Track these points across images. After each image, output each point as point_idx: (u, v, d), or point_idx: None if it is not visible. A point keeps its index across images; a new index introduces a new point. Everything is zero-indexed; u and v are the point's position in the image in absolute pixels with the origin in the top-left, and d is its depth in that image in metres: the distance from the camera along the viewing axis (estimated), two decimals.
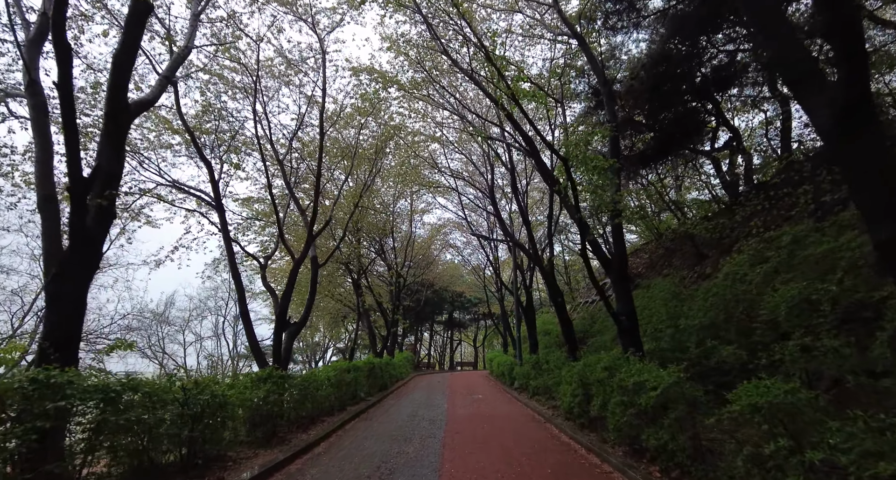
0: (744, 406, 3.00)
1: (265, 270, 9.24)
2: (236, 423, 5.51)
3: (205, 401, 4.50)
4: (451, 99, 11.32)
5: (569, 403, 7.79)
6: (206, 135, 9.89)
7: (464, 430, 7.63)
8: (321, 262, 10.09)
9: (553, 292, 12.30)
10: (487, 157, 14.56)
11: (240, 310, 7.83)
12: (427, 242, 27.93)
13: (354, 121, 11.53)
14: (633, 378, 5.08)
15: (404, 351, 28.30)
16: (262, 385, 6.38)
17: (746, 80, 15.23)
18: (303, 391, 7.95)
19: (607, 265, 7.88)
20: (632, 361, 5.99)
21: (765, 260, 6.07)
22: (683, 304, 8.90)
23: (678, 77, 13.88)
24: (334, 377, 9.69)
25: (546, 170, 8.59)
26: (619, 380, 5.42)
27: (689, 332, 7.30)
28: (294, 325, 8.55)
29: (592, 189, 7.15)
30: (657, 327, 8.11)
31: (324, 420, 8.42)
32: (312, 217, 8.89)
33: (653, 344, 7.98)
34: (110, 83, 4.12)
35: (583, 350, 12.17)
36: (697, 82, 14.05)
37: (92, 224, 3.91)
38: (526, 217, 12.95)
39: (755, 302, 5.76)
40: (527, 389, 12.40)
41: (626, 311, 7.58)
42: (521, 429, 7.76)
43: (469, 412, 9.76)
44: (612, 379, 5.79)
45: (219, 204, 8.24)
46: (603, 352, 8.99)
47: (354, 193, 12.39)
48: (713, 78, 13.85)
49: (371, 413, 9.89)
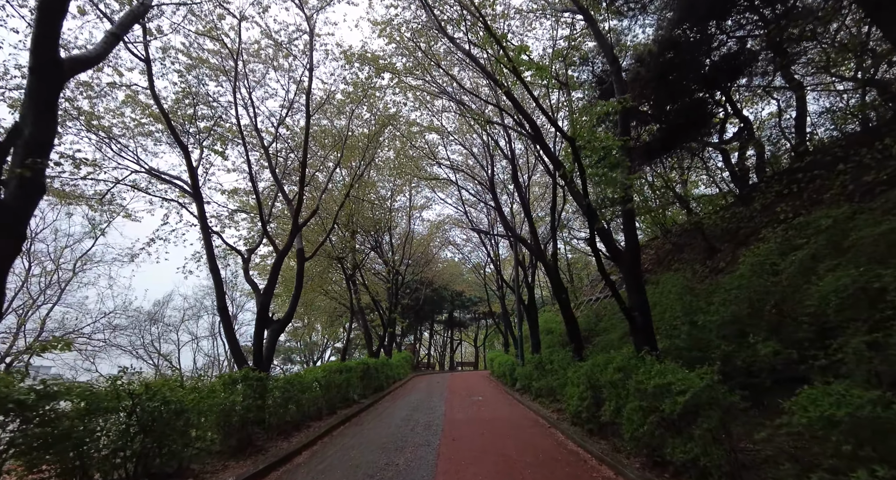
0: (813, 418, 2.33)
1: (248, 264, 8.60)
2: (203, 432, 4.86)
3: (154, 409, 3.84)
4: (449, 81, 10.66)
5: (576, 407, 7.13)
6: (188, 122, 9.24)
7: (462, 437, 6.97)
8: (308, 255, 9.43)
9: (557, 288, 11.63)
10: (487, 148, 13.89)
11: (217, 306, 7.20)
12: (426, 239, 27.28)
13: (346, 108, 10.88)
14: (654, 380, 4.42)
15: (403, 351, 27.64)
16: (236, 387, 5.73)
17: (756, 70, 14.61)
18: (286, 394, 7.30)
19: (617, 257, 7.22)
20: (648, 361, 5.33)
21: (796, 247, 5.40)
22: (699, 299, 8.24)
23: (686, 65, 13.27)
24: (323, 378, 9.04)
25: (550, 153, 7.92)
26: (637, 383, 4.75)
27: (709, 329, 6.63)
28: (277, 323, 7.88)
29: (602, 171, 6.48)
30: (672, 324, 7.45)
31: (310, 425, 7.76)
32: (297, 205, 8.22)
33: (667, 343, 7.32)
34: (35, 33, 3.46)
35: (588, 349, 11.52)
36: (706, 71, 13.44)
37: (10, 199, 3.26)
38: (528, 209, 12.29)
39: (788, 294, 5.09)
40: (529, 390, 11.74)
41: (639, 307, 6.92)
42: (523, 436, 7.10)
43: (468, 416, 9.11)
44: (628, 381, 5.13)
45: (196, 192, 7.60)
46: (612, 351, 8.35)
47: (345, 183, 11.73)
48: (722, 66, 13.22)
49: (363, 418, 9.24)
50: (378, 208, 16.98)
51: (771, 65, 14.20)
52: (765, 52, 13.63)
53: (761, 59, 13.85)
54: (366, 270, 22.88)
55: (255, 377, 6.15)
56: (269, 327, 7.78)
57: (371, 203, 13.40)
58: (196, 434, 4.56)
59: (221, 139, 9.96)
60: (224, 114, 9.55)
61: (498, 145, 12.15)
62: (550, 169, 12.76)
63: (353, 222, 13.72)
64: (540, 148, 8.08)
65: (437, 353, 41.85)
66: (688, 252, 14.63)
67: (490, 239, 21.16)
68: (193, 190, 7.56)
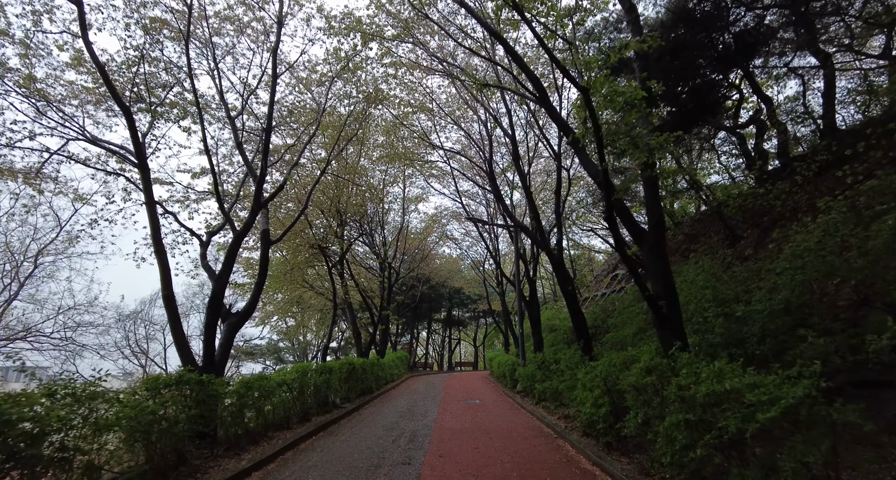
0: None
1: (206, 248, 7.40)
2: (98, 455, 3.66)
3: None
4: (439, 49, 9.47)
5: (589, 415, 5.94)
6: (142, 85, 7.99)
7: (452, 452, 5.78)
8: (275, 239, 8.22)
9: (562, 279, 10.45)
10: (485, 127, 12.70)
11: (162, 295, 6.02)
12: (423, 233, 26.08)
13: (321, 69, 9.64)
14: (706, 386, 3.23)
15: (399, 351, 26.43)
16: (162, 394, 4.54)
17: (773, 49, 13.50)
18: (242, 400, 6.11)
19: (639, 235, 6.02)
20: (685, 360, 4.14)
21: (877, 216, 4.22)
22: (732, 288, 7.05)
23: (699, 44, 12.19)
24: (295, 380, 7.85)
25: (557, 116, 6.73)
26: (680, 389, 3.56)
27: (753, 321, 5.44)
28: (235, 315, 6.68)
29: (622, 129, 5.28)
30: (702, 316, 6.24)
31: (273, 436, 6.56)
32: (260, 178, 6.99)
33: (696, 338, 6.13)
34: None
35: (596, 347, 10.34)
36: (720, 49, 12.33)
37: None
38: (529, 193, 11.09)
39: (878, 271, 3.89)
40: (532, 393, 10.55)
41: (666, 294, 5.72)
42: (527, 449, 5.90)
43: (462, 423, 7.91)
44: (664, 386, 3.93)
45: (142, 162, 6.41)
46: (629, 348, 7.16)
47: (322, 159, 10.52)
48: (739, 44, 12.09)
49: (341, 426, 8.04)
50: (367, 195, 15.78)
51: (789, 44, 13.10)
52: (785, 27, 12.53)
53: (780, 37, 12.77)
54: (356, 265, 21.71)
55: (192, 380, 4.96)
56: (224, 320, 6.60)
57: (358, 186, 12.17)
58: (84, 461, 3.37)
59: (180, 108, 8.74)
60: (183, 80, 8.36)
61: (499, 123, 10.94)
62: (554, 149, 11.59)
63: (339, 207, 12.48)
64: (546, 111, 6.88)
65: (435, 353, 40.65)
66: (703, 241, 13.45)
67: (489, 230, 19.97)
68: (138, 158, 6.37)
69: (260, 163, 7.01)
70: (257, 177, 7.01)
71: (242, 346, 33.37)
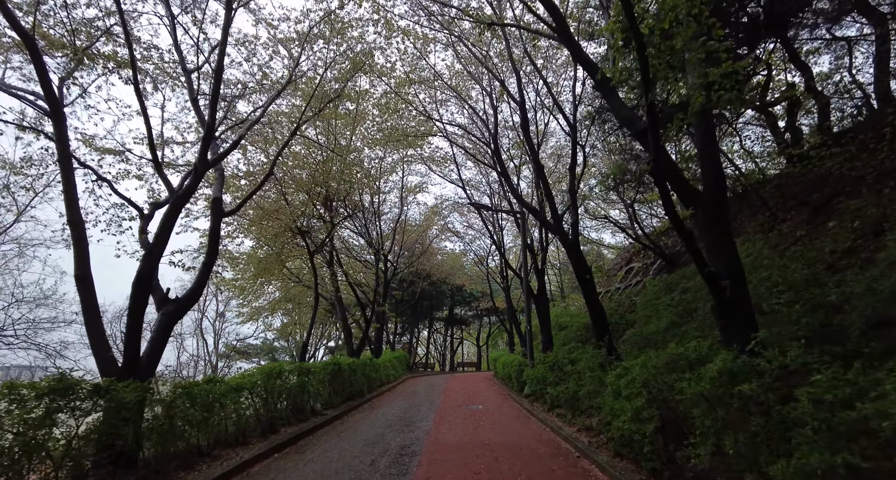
0: None
1: (147, 222, 6.00)
2: None
3: None
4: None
5: (626, 430, 4.52)
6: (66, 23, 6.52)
7: (444, 479, 4.38)
8: (228, 209, 6.80)
9: (579, 268, 9.01)
10: (490, 96, 11.27)
11: (75, 274, 4.66)
12: (423, 226, 24.66)
13: (298, 23, 8.26)
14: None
15: (397, 350, 25.04)
16: (29, 406, 3.18)
17: (806, 20, 12.09)
18: (175, 412, 4.73)
19: (691, 194, 4.58)
20: (797, 360, 2.72)
21: None
22: (802, 270, 5.60)
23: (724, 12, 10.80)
24: (258, 384, 6.48)
25: (578, 49, 5.31)
26: (817, 408, 2.14)
27: (854, 310, 4.00)
28: (173, 302, 5.26)
29: (667, 46, 3.87)
30: (776, 302, 4.80)
31: (221, 455, 5.17)
32: (207, 132, 5.58)
33: (764, 331, 4.70)
34: None
35: (617, 345, 8.91)
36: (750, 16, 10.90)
37: None
38: (539, 167, 9.64)
39: None
40: (542, 398, 9.13)
41: (730, 272, 4.29)
42: (543, 476, 4.48)
43: (461, 436, 6.51)
44: (769, 398, 2.52)
45: (55, 108, 5.04)
46: (672, 345, 5.75)
47: (295, 118, 9.09)
48: (774, 10, 10.61)
49: (314, 439, 6.64)
50: (362, 180, 14.39)
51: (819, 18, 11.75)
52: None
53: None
54: (352, 259, 20.33)
55: (82, 387, 3.59)
56: (159, 308, 5.22)
57: (347, 166, 10.77)
58: None
59: (112, 52, 7.31)
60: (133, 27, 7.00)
61: (505, 87, 9.50)
62: (568, 118, 10.11)
63: (326, 186, 11.05)
64: (567, 47, 5.45)
65: (437, 353, 39.24)
66: (735, 226, 11.99)
67: (494, 220, 18.56)
68: (49, 103, 5.00)
69: (210, 116, 5.62)
70: (203, 131, 5.61)
71: (236, 345, 32.14)
